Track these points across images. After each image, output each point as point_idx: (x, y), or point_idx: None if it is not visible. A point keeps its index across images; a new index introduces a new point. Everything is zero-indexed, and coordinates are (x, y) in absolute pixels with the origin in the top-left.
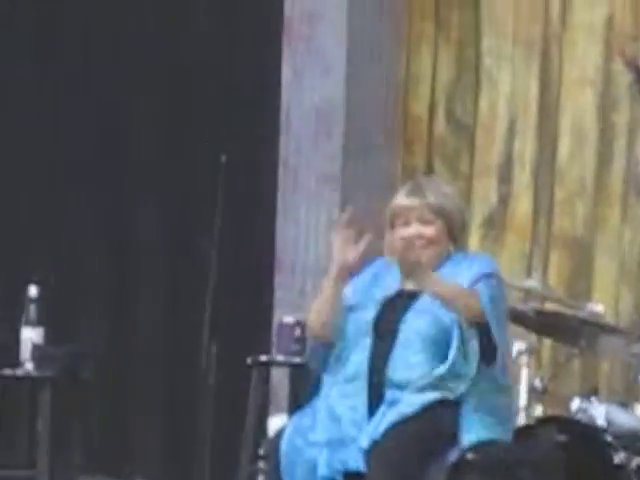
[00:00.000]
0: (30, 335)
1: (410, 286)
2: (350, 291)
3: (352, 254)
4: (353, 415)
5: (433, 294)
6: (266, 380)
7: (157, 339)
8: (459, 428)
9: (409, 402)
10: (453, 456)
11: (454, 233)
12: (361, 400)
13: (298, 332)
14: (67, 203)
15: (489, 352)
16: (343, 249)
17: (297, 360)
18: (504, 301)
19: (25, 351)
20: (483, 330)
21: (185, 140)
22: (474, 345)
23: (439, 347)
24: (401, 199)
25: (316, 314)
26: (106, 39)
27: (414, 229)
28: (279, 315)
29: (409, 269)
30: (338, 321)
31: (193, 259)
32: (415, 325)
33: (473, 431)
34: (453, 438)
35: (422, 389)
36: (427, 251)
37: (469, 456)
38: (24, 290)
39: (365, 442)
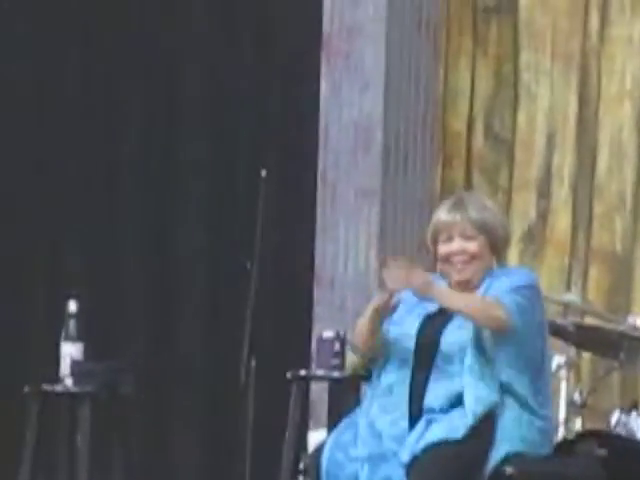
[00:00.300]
0: (70, 350)
1: None
2: (399, 303)
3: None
4: (394, 430)
5: (450, 308)
6: (306, 395)
7: (197, 354)
8: (495, 441)
9: (450, 423)
10: (489, 469)
11: (497, 248)
12: (401, 414)
13: (337, 346)
14: (107, 218)
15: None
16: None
17: (337, 374)
18: (539, 313)
19: (65, 367)
20: (513, 340)
21: (224, 155)
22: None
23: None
24: (443, 215)
25: (359, 334)
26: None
27: (457, 245)
28: (318, 330)
29: (418, 290)
30: (381, 341)
31: (233, 274)
32: (454, 338)
33: (509, 444)
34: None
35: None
36: (470, 267)
37: (507, 470)
38: (64, 305)
39: (406, 456)
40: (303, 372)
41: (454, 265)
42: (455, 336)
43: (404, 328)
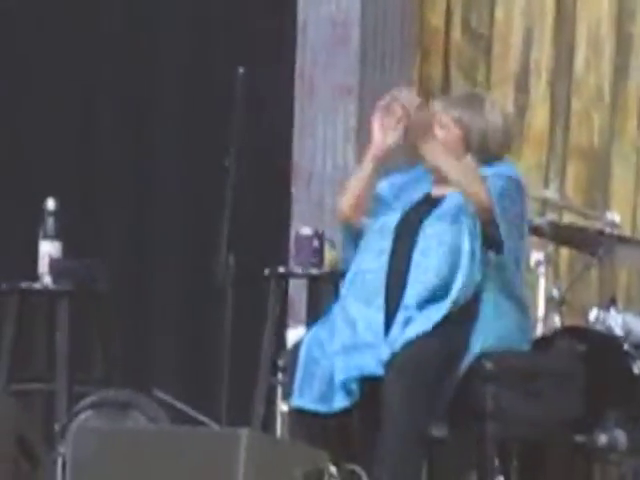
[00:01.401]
0: (48, 249)
1: (438, 192)
2: (384, 186)
3: (390, 138)
4: (368, 320)
5: (436, 165)
6: (284, 292)
7: (175, 252)
8: (473, 336)
9: (427, 317)
10: (469, 365)
11: (472, 148)
12: (377, 306)
13: (316, 243)
14: (85, 115)
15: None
16: (381, 132)
17: (315, 271)
18: (520, 205)
19: (43, 265)
20: (490, 229)
21: (201, 53)
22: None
23: (453, 253)
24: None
25: (347, 195)
26: None
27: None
28: (297, 227)
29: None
30: (369, 206)
31: (211, 171)
32: (434, 230)
33: (485, 339)
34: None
35: (437, 301)
36: None
37: (486, 365)
38: (42, 203)
39: (385, 354)
40: (282, 269)
41: None
42: (434, 228)
43: (386, 217)
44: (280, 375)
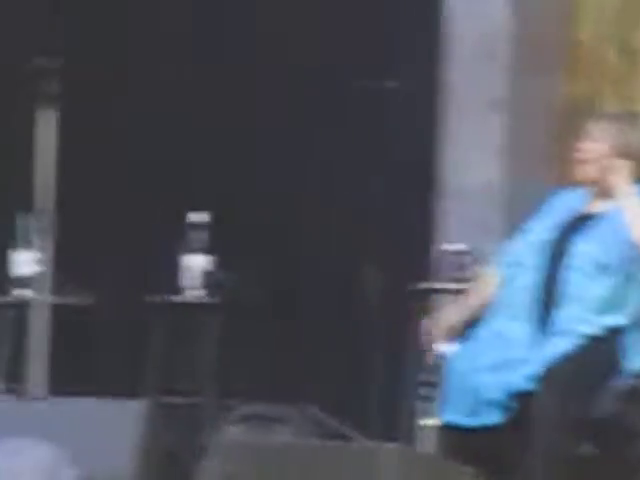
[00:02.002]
0: (198, 262)
1: (591, 209)
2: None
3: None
4: (520, 336)
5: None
6: (430, 307)
7: (323, 265)
8: (625, 355)
9: (580, 332)
10: (621, 384)
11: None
12: (529, 321)
13: (462, 259)
14: (239, 130)
15: None
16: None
17: (462, 287)
18: None
19: (192, 278)
20: None
21: (343, 59)
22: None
23: (607, 272)
24: None
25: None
26: None
27: (583, 144)
28: (443, 242)
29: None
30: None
31: (356, 185)
32: (584, 248)
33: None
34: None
35: (589, 318)
36: (582, 166)
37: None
38: (192, 217)
39: (537, 368)
40: (425, 285)
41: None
42: (586, 246)
43: (534, 236)
44: (425, 390)
